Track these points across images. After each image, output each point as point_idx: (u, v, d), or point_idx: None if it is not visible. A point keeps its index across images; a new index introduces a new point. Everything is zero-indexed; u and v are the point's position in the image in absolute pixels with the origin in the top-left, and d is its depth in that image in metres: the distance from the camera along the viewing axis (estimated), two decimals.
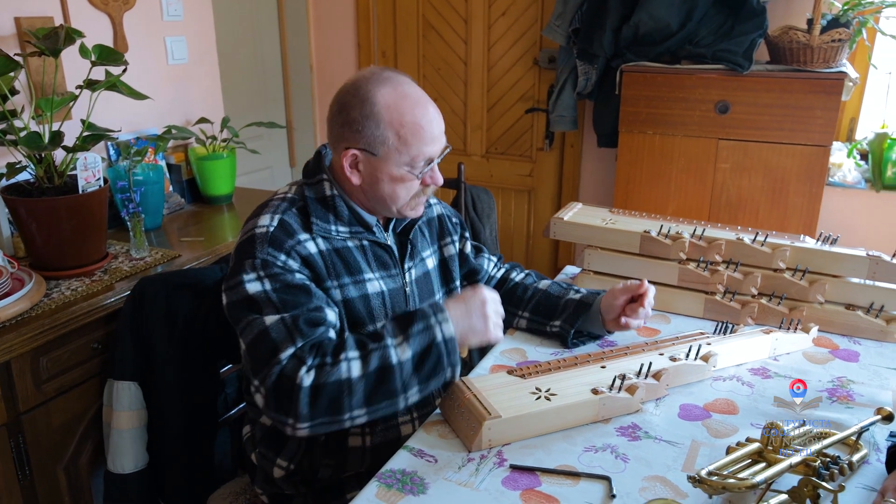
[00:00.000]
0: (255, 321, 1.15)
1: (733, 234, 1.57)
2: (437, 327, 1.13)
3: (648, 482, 1.04)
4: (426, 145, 1.21)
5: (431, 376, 1.13)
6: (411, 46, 3.20)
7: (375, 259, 1.29)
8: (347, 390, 1.09)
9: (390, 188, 1.23)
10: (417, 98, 1.21)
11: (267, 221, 1.21)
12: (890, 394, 1.26)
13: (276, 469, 1.29)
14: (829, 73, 2.07)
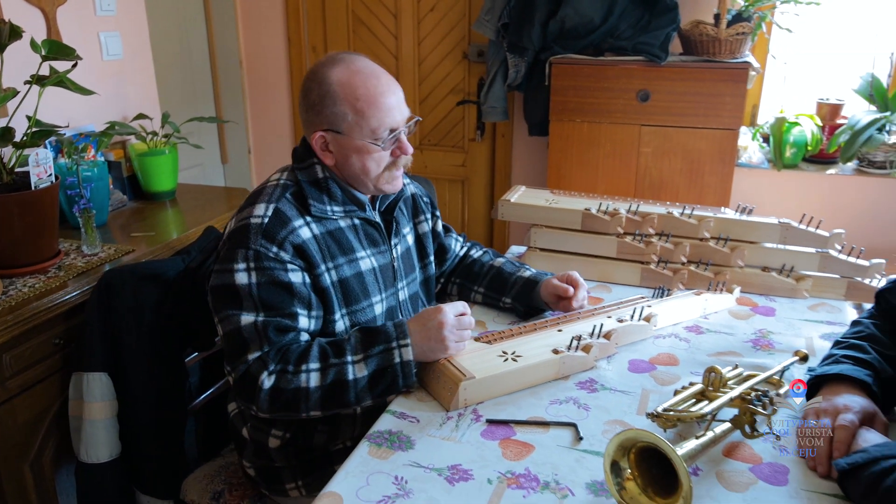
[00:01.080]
0: (232, 317, 1.24)
1: (664, 209, 1.74)
2: (396, 351, 1.22)
3: (609, 425, 1.17)
4: (385, 115, 1.29)
5: (385, 393, 1.23)
6: (342, 41, 3.25)
7: (367, 237, 1.38)
8: (304, 398, 1.20)
9: (360, 162, 1.31)
10: (370, 71, 1.30)
11: (262, 211, 1.27)
12: (803, 340, 1.45)
13: (272, 439, 1.36)
14: (735, 64, 2.29)
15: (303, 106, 1.32)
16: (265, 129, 3.44)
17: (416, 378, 1.25)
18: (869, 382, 1.12)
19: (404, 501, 1.00)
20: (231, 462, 1.59)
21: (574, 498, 1.00)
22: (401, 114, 1.32)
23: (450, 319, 1.24)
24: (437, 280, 1.64)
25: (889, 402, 1.14)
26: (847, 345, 1.22)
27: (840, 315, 1.56)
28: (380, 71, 1.32)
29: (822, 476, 1.03)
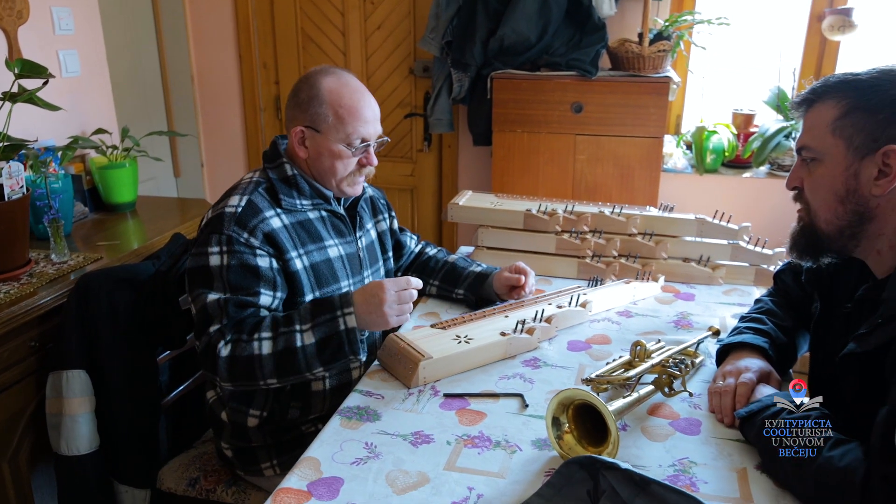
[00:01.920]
0: (201, 294, 1.37)
1: (596, 209, 1.93)
2: (341, 319, 1.33)
3: (551, 393, 1.33)
4: (361, 126, 1.45)
5: (333, 360, 1.34)
6: (291, 58, 3.37)
7: (334, 228, 1.53)
8: (258, 364, 1.32)
9: (330, 162, 1.46)
10: (356, 87, 1.48)
11: (236, 202, 1.41)
12: (718, 319, 1.65)
13: (251, 419, 1.48)
14: (658, 78, 2.52)
15: (291, 103, 1.49)
16: (217, 143, 3.52)
17: (364, 349, 1.35)
18: (766, 348, 1.32)
19: (375, 462, 1.14)
20: (204, 452, 1.69)
21: (521, 453, 1.17)
22: (374, 129, 1.49)
23: (390, 295, 1.32)
24: (395, 274, 1.79)
25: (784, 364, 1.34)
26: (749, 318, 1.42)
27: (749, 298, 1.77)
28: (364, 89, 1.50)
29: (727, 425, 1.22)
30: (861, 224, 1.09)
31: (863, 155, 1.05)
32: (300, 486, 1.08)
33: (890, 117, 1.02)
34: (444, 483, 1.09)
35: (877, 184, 1.05)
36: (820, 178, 1.10)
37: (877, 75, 1.05)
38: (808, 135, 1.11)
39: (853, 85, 1.06)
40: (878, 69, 1.06)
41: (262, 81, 3.43)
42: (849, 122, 1.05)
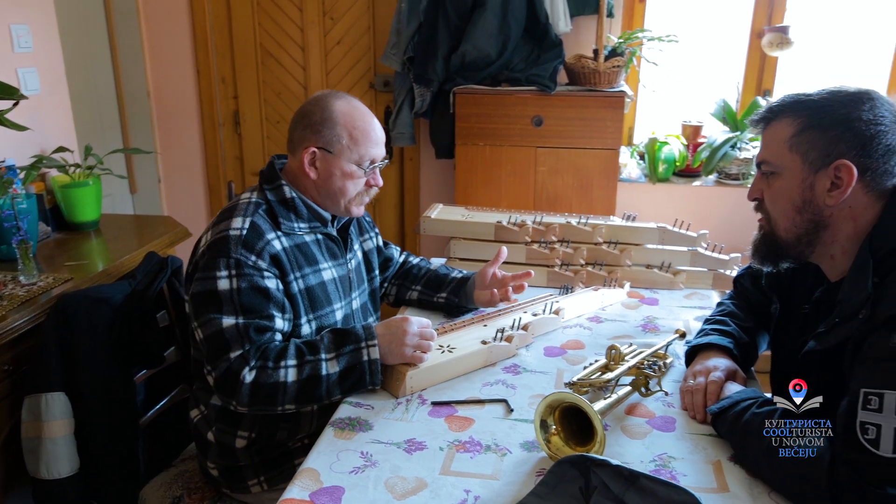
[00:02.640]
0: (214, 320, 1.38)
1: (563, 219, 2.01)
2: (365, 350, 1.39)
3: (533, 398, 1.40)
4: (372, 147, 1.51)
5: (353, 389, 1.39)
6: (250, 73, 3.38)
7: (328, 250, 1.56)
8: (282, 391, 1.35)
9: (341, 183, 1.50)
10: (366, 110, 1.54)
11: (239, 224, 1.42)
12: (682, 322, 1.75)
13: (238, 440, 1.49)
14: (613, 92, 2.63)
15: (300, 125, 1.51)
16: (175, 159, 3.49)
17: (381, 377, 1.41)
18: (731, 348, 1.41)
19: (372, 470, 1.18)
20: (186, 469, 1.69)
21: (512, 455, 1.22)
22: (381, 151, 1.54)
23: (413, 329, 1.41)
24: (382, 286, 1.83)
25: (746, 362, 1.44)
26: (713, 321, 1.52)
27: (709, 301, 1.88)
28: (371, 113, 1.55)
29: (700, 422, 1.31)
30: (816, 232, 1.19)
31: (817, 169, 1.15)
32: (302, 497, 1.11)
33: (840, 134, 1.12)
34: (441, 487, 1.14)
35: (830, 195, 1.15)
36: (779, 190, 1.20)
37: (826, 96, 1.15)
38: (767, 150, 1.21)
39: (806, 105, 1.16)
40: (828, 90, 1.17)
41: (221, 96, 3.42)
42: (804, 138, 1.15)
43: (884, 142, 1.11)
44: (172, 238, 2.32)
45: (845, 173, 1.13)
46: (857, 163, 1.12)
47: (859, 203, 1.15)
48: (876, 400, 0.99)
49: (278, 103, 3.40)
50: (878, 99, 1.13)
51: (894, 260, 1.10)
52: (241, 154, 3.50)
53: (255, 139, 3.47)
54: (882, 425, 0.97)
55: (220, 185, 3.51)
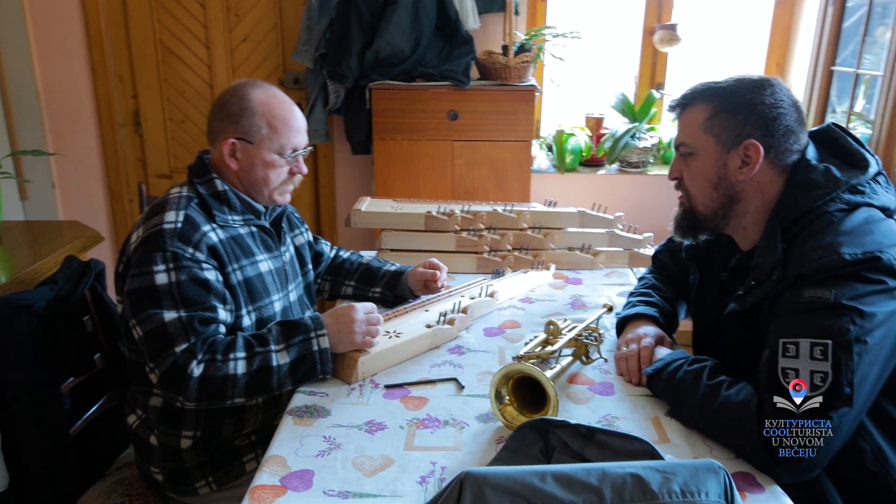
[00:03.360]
0: (154, 315, 1.34)
1: (490, 207, 2.10)
2: (315, 339, 1.40)
3: (481, 375, 1.47)
4: (293, 136, 1.50)
5: (305, 378, 1.40)
6: (150, 70, 3.25)
7: (262, 243, 1.54)
8: (232, 384, 1.35)
9: (263, 172, 1.49)
10: (285, 98, 1.52)
11: (173, 217, 1.39)
12: (606, 298, 1.87)
13: (183, 440, 1.46)
14: (524, 86, 2.75)
15: (217, 116, 1.49)
16: (71, 163, 3.29)
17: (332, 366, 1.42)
18: (657, 316, 1.54)
19: (338, 452, 1.21)
20: (124, 477, 1.64)
21: (470, 427, 1.28)
22: (303, 139, 1.54)
23: (360, 315, 1.43)
24: (315, 281, 1.84)
25: (670, 329, 1.57)
26: (638, 293, 1.65)
27: (627, 278, 2.02)
28: (291, 101, 1.54)
29: (636, 384, 1.42)
30: (730, 205, 1.32)
31: (729, 148, 1.28)
32: (273, 482, 1.12)
33: (747, 117, 1.26)
34: (408, 461, 1.18)
35: (741, 171, 1.29)
36: (696, 169, 1.33)
37: (734, 83, 1.29)
38: (684, 133, 1.34)
39: (717, 91, 1.29)
40: (734, 78, 1.31)
41: (119, 95, 3.27)
42: (716, 122, 1.28)
43: (784, 123, 1.26)
44: (85, 242, 2.22)
45: (753, 151, 1.27)
46: (762, 142, 1.26)
47: (766, 178, 1.29)
48: (793, 348, 1.13)
49: (182, 102, 3.30)
50: (777, 85, 1.28)
51: (798, 227, 1.25)
52: (144, 156, 3.36)
53: (159, 140, 3.34)
54: (799, 369, 1.11)
55: (121, 188, 3.35)
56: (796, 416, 1.09)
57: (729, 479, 0.95)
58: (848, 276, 1.14)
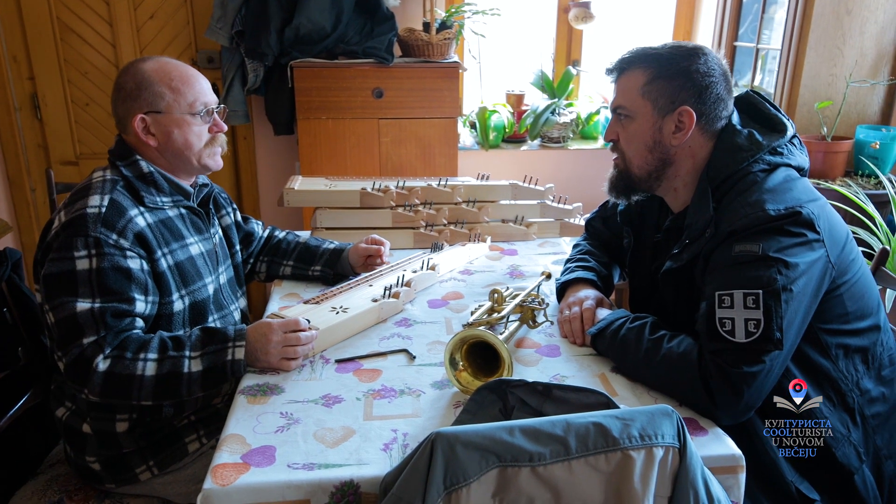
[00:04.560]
0: (67, 303, 1.29)
1: (424, 182, 2.11)
2: (231, 350, 1.34)
3: (430, 345, 1.49)
4: (199, 93, 1.46)
5: (213, 386, 1.36)
6: (48, 50, 3.04)
7: (193, 225, 1.51)
8: (138, 385, 1.30)
9: (182, 137, 1.45)
10: (178, 62, 1.49)
11: (97, 202, 1.33)
12: (541, 267, 1.92)
13: (119, 424, 1.41)
14: (447, 63, 2.76)
15: (118, 99, 1.44)
16: None
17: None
18: (595, 280, 1.61)
19: (297, 426, 1.20)
20: (58, 474, 1.56)
21: (426, 395, 1.30)
22: (211, 96, 1.50)
23: (276, 336, 1.35)
24: (246, 262, 1.80)
25: (607, 292, 1.64)
26: (575, 259, 1.71)
27: (559, 248, 2.08)
28: (187, 64, 1.49)
29: (580, 345, 1.48)
30: (664, 168, 1.39)
31: (665, 114, 1.35)
32: (234, 460, 1.10)
33: (683, 84, 1.33)
34: (369, 430, 1.19)
35: (675, 136, 1.36)
36: (633, 132, 1.39)
37: (671, 49, 1.35)
38: (622, 97, 1.39)
39: (654, 57, 1.35)
40: (669, 45, 1.37)
41: (14, 77, 3.05)
42: (654, 87, 1.34)
43: (715, 91, 1.34)
44: None
45: (687, 118, 1.34)
46: (695, 109, 1.33)
47: (696, 143, 1.37)
48: (728, 299, 1.21)
49: (85, 84, 3.11)
50: (710, 54, 1.35)
51: (726, 187, 1.33)
52: (45, 142, 3.16)
53: (61, 124, 3.15)
54: (735, 318, 1.19)
55: (22, 177, 3.14)
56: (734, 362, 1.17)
57: (681, 422, 1.01)
58: (773, 231, 1.23)
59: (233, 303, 1.64)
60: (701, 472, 1.01)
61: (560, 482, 0.97)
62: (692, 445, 1.01)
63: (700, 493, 1.00)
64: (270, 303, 1.71)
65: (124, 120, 1.45)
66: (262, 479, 1.06)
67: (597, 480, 0.98)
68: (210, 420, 1.51)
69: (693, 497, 1.00)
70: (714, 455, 1.12)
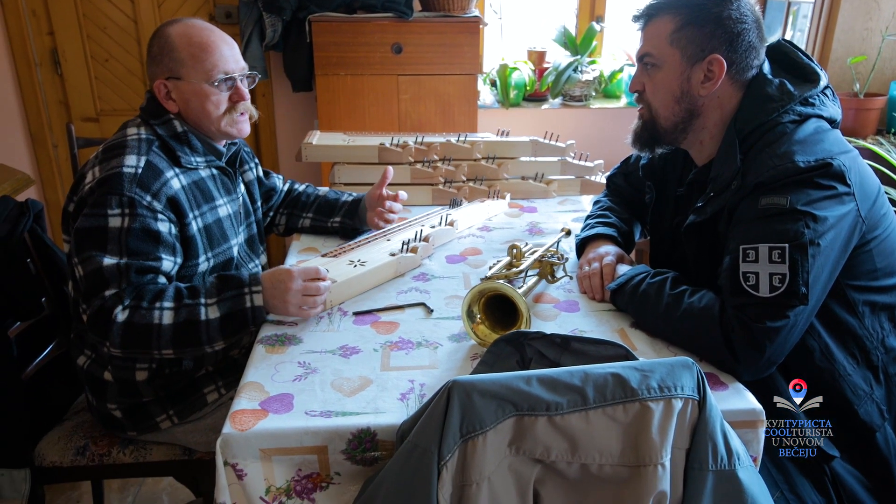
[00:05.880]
0: (95, 257, 1.30)
1: (443, 138, 2.08)
2: (248, 296, 1.32)
3: (448, 299, 1.48)
4: (218, 59, 1.42)
5: (236, 334, 1.34)
6: (67, 5, 3.02)
7: (223, 186, 1.51)
8: (156, 333, 1.30)
9: (199, 104, 1.43)
10: (205, 26, 1.45)
11: (133, 162, 1.34)
12: (561, 224, 1.90)
13: (139, 373, 1.43)
14: (468, 18, 2.70)
15: (147, 63, 1.45)
16: None
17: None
18: (615, 235, 1.58)
19: (315, 376, 1.20)
20: (83, 421, 1.60)
21: (443, 347, 1.30)
22: (235, 63, 1.46)
23: (296, 284, 1.32)
24: (265, 216, 1.79)
25: (628, 247, 1.62)
26: (595, 216, 1.68)
27: (580, 205, 2.06)
28: (214, 27, 1.46)
29: (599, 300, 1.46)
30: (691, 119, 1.35)
31: (693, 62, 1.30)
32: (253, 406, 1.11)
33: (713, 31, 1.28)
34: (387, 381, 1.19)
35: (703, 86, 1.31)
36: (660, 82, 1.34)
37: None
38: (649, 44, 1.34)
39: (685, 3, 1.30)
40: None
41: (34, 32, 3.04)
42: (683, 35, 1.29)
43: (747, 39, 1.29)
44: (15, 185, 2.09)
45: (717, 67, 1.29)
46: (726, 57, 1.28)
47: (725, 93, 1.32)
48: (752, 253, 1.18)
49: (104, 39, 3.09)
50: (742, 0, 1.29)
51: (754, 138, 1.29)
52: (66, 97, 3.16)
53: (81, 80, 3.14)
54: (759, 272, 1.17)
55: (44, 132, 3.15)
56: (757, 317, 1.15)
57: (701, 375, 1.00)
58: (802, 183, 1.19)
59: (252, 260, 1.65)
60: (720, 425, 1.00)
61: (577, 432, 0.96)
62: (712, 398, 0.99)
63: (719, 446, 0.99)
64: (288, 257, 1.71)
65: (151, 81, 1.45)
66: (280, 426, 1.07)
67: (614, 431, 0.97)
68: (228, 371, 1.53)
69: (711, 449, 0.99)
70: (734, 409, 1.11)
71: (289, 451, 1.07)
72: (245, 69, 1.49)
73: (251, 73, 1.51)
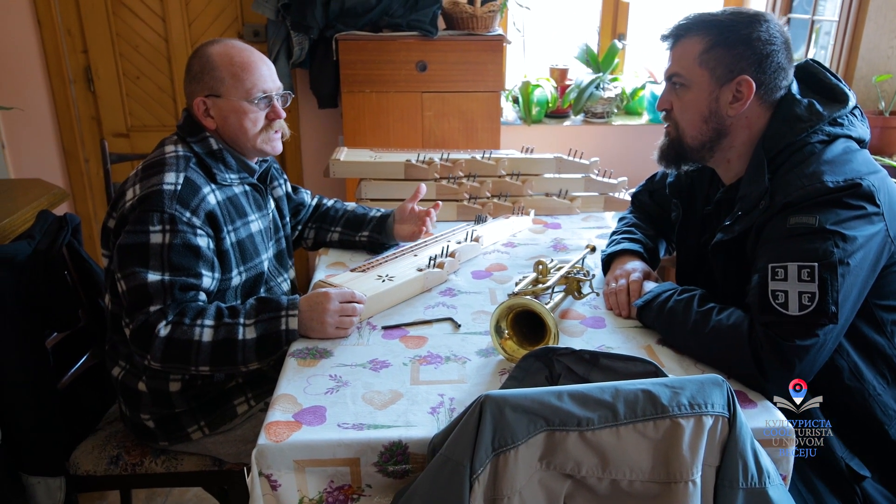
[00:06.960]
0: (138, 273, 1.34)
1: (468, 155, 2.11)
2: (284, 319, 1.36)
3: (475, 315, 1.50)
4: (258, 79, 1.47)
5: (270, 355, 1.38)
6: (100, 24, 3.11)
7: (255, 202, 1.55)
8: (196, 350, 1.34)
9: (237, 122, 1.47)
10: (245, 47, 1.50)
11: (173, 179, 1.38)
12: (585, 241, 1.91)
13: (173, 384, 1.46)
14: (492, 36, 2.74)
15: (186, 81, 1.49)
16: (19, 120, 3.15)
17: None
18: (641, 252, 1.59)
19: (346, 389, 1.22)
20: (116, 430, 1.63)
21: (472, 362, 1.32)
22: (273, 82, 1.51)
23: (333, 305, 1.37)
24: (293, 230, 1.83)
25: (653, 264, 1.62)
26: (621, 232, 1.69)
27: (604, 222, 2.07)
28: (253, 48, 1.51)
29: (625, 317, 1.47)
30: (718, 139, 1.37)
31: (722, 83, 1.32)
32: (286, 418, 1.13)
33: (742, 52, 1.29)
34: (416, 394, 1.21)
35: (732, 106, 1.33)
36: (688, 102, 1.36)
37: (730, 16, 1.31)
38: (677, 64, 1.36)
39: (713, 24, 1.31)
40: (730, 10, 1.33)
41: (69, 50, 3.12)
42: (712, 55, 1.31)
43: (776, 60, 1.30)
44: (52, 199, 2.15)
45: (746, 88, 1.30)
46: (755, 78, 1.30)
47: (754, 113, 1.34)
48: (781, 271, 1.19)
49: (136, 57, 3.17)
50: (772, 21, 1.31)
51: (782, 158, 1.30)
52: (98, 114, 3.24)
53: (113, 97, 3.22)
54: (788, 291, 1.17)
55: (76, 148, 3.23)
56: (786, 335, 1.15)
57: (731, 392, 1.01)
58: (831, 203, 1.20)
59: (281, 274, 1.68)
60: (750, 442, 1.01)
61: (608, 447, 0.97)
62: (742, 415, 1.00)
63: (749, 464, 1.00)
64: (317, 271, 1.74)
65: (190, 100, 1.49)
66: (314, 437, 1.09)
67: (645, 447, 0.98)
68: (257, 383, 1.55)
69: (742, 467, 0.99)
70: (763, 427, 1.11)
71: (322, 462, 1.09)
72: (281, 88, 1.53)
73: (286, 93, 1.55)
